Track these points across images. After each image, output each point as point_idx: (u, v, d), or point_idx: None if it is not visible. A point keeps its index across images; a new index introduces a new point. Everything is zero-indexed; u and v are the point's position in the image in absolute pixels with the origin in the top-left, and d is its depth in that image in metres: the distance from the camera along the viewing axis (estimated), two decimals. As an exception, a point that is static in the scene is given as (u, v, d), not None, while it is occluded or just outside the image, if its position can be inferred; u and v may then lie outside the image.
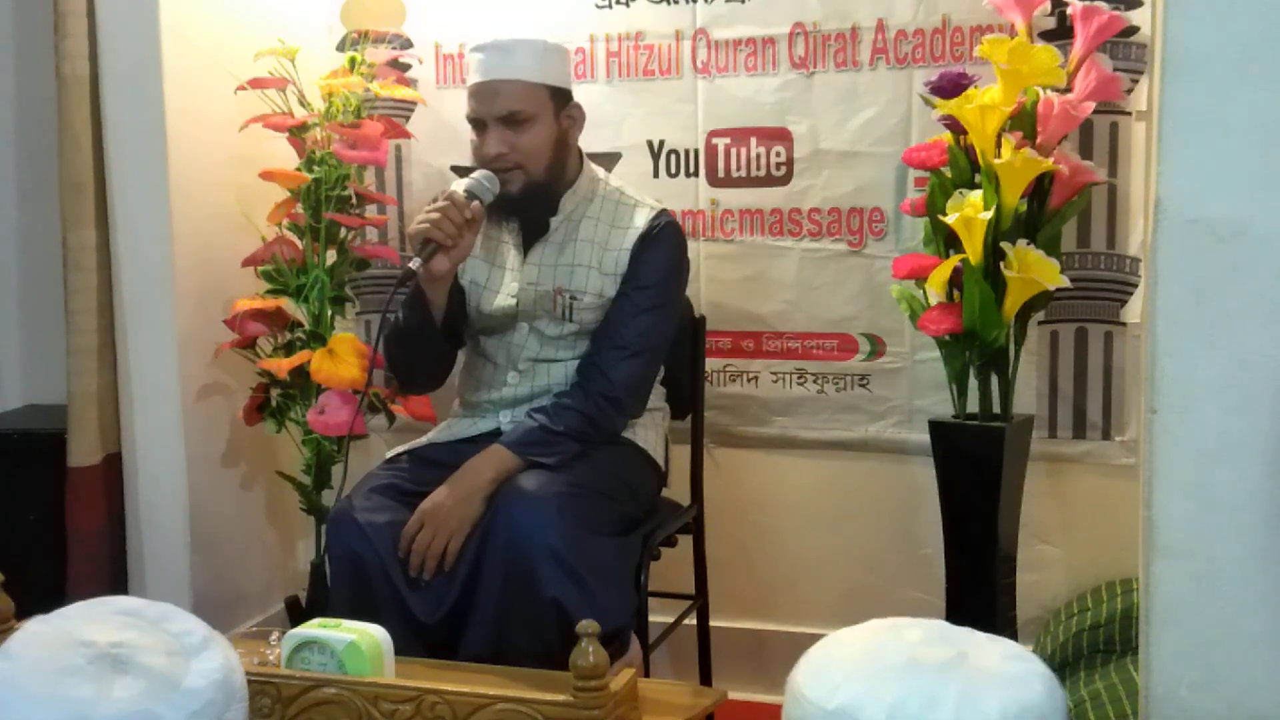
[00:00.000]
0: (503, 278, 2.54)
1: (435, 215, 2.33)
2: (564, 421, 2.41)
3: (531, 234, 2.53)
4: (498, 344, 2.56)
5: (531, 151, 2.44)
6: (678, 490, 2.76)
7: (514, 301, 2.50)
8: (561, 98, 2.49)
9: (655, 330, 2.50)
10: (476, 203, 2.37)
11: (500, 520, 2.27)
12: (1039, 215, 2.49)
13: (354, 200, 2.91)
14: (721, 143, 2.92)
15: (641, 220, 2.50)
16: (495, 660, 2.19)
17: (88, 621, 1.35)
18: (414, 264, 2.32)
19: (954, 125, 2.51)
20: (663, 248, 2.51)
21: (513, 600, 2.25)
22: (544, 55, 2.47)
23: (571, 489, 2.31)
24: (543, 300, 2.50)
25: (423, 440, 2.56)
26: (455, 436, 2.54)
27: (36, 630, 1.35)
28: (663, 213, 2.54)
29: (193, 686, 1.30)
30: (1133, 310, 2.68)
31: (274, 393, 2.89)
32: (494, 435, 2.51)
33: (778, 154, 2.88)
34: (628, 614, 2.33)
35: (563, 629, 2.05)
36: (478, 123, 2.46)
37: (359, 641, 1.97)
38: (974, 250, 2.39)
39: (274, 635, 2.09)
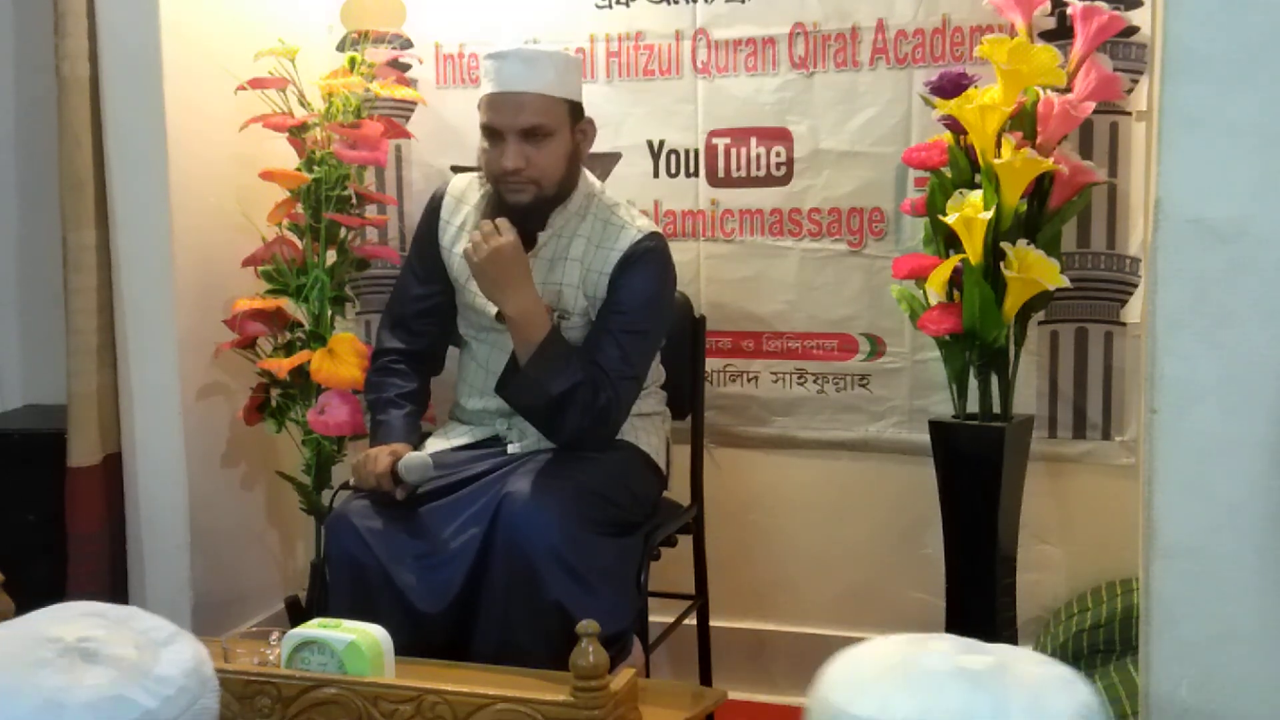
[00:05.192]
0: None
1: (366, 474, 2.37)
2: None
3: (526, 247, 2.51)
4: (489, 350, 2.56)
5: (548, 167, 2.42)
6: (678, 490, 2.76)
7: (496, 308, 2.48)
8: (577, 112, 2.48)
9: (634, 355, 2.45)
10: (399, 489, 2.37)
11: (502, 522, 2.27)
12: (1039, 215, 2.49)
13: (354, 200, 2.91)
14: (721, 143, 2.92)
15: (625, 243, 2.46)
16: (502, 661, 2.19)
17: (52, 622, 1.36)
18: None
19: (954, 125, 2.51)
20: (642, 272, 2.46)
21: (516, 602, 2.25)
22: (565, 68, 2.45)
23: (574, 491, 2.31)
24: None
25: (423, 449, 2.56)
26: (453, 444, 2.54)
27: (1, 633, 1.35)
28: (649, 236, 2.48)
29: (165, 674, 1.31)
30: (1133, 310, 2.68)
31: (274, 393, 2.89)
32: (492, 442, 2.53)
33: (778, 154, 2.88)
34: (629, 617, 2.33)
35: (566, 631, 2.05)
36: (494, 133, 2.42)
37: (359, 641, 1.97)
38: (974, 250, 2.39)
39: (274, 635, 2.09)
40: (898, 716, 1.15)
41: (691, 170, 2.94)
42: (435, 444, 2.55)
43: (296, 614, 2.91)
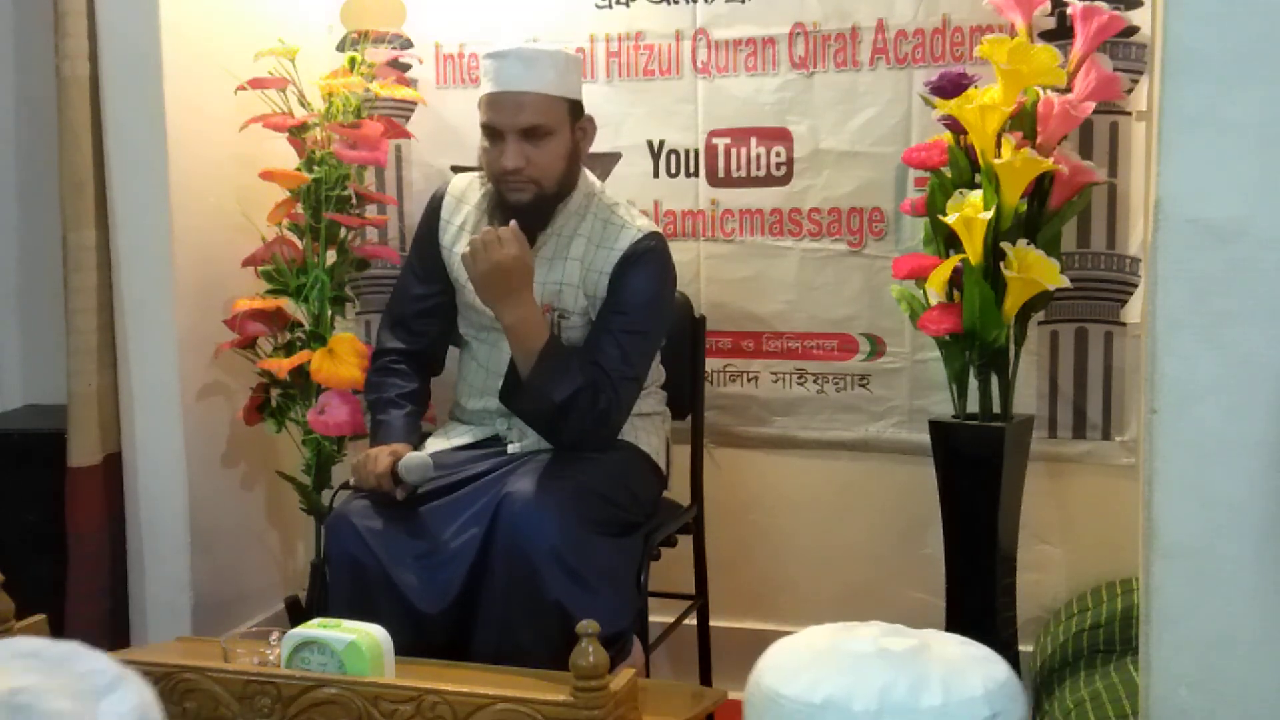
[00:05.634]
0: None
1: (366, 474, 2.37)
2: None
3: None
4: (489, 350, 2.56)
5: (548, 166, 2.43)
6: (678, 490, 2.76)
7: None
8: (576, 110, 2.49)
9: (634, 355, 2.45)
10: (399, 489, 2.37)
11: (502, 522, 2.27)
12: (1039, 215, 2.49)
13: (354, 200, 2.91)
14: (721, 143, 2.92)
15: (625, 243, 2.47)
16: (503, 661, 2.19)
17: None
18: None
19: (954, 125, 2.51)
20: (643, 272, 2.46)
21: (516, 602, 2.25)
22: (565, 67, 2.46)
23: (574, 491, 2.31)
24: None
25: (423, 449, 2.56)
26: (453, 444, 2.54)
27: None
28: (649, 235, 2.49)
29: None
30: (1133, 310, 2.68)
31: (274, 393, 2.89)
32: (492, 441, 2.53)
33: (778, 154, 2.88)
34: (629, 617, 2.33)
35: (566, 631, 2.05)
36: (494, 132, 2.43)
37: (359, 641, 1.97)
38: (974, 250, 2.39)
39: (274, 635, 2.09)
40: (824, 695, 1.23)
41: (691, 170, 2.94)
42: (435, 444, 2.55)
43: (296, 614, 2.91)
